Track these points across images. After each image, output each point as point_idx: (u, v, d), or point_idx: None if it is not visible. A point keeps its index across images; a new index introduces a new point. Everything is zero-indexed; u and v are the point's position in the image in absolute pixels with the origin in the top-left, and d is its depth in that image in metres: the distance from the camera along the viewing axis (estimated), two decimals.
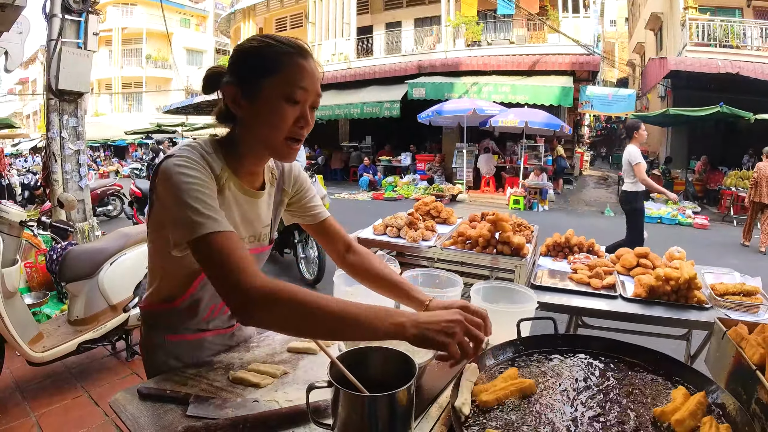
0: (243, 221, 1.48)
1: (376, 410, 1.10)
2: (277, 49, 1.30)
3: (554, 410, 1.28)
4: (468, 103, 15.85)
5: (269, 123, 1.31)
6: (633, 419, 1.25)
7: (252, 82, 1.30)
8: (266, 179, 1.55)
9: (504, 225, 2.99)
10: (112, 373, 4.14)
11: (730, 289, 2.69)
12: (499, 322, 1.86)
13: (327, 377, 1.12)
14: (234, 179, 1.41)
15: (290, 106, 1.30)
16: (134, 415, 1.27)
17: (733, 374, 1.49)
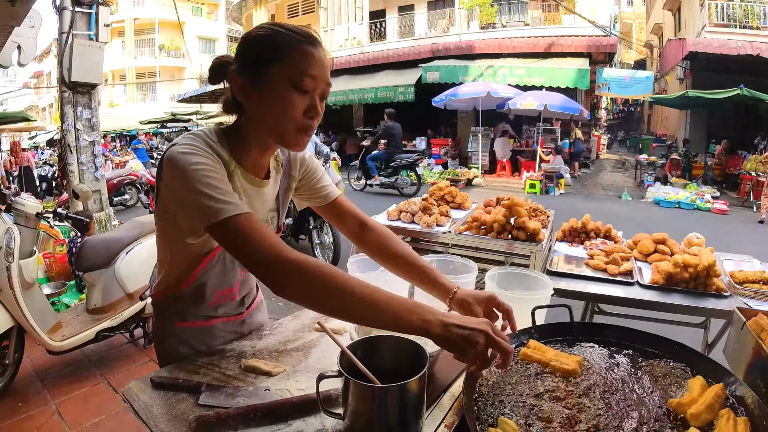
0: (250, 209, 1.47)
1: (386, 401, 1.10)
2: (284, 37, 1.28)
3: (568, 399, 1.26)
4: (482, 86, 15.68)
5: (278, 112, 1.29)
6: (648, 409, 1.23)
7: (260, 70, 1.28)
8: (271, 167, 1.55)
9: (519, 210, 2.95)
10: (130, 361, 4.20)
11: (750, 277, 2.65)
12: (514, 308, 1.85)
13: (337, 367, 1.11)
14: (240, 169, 1.41)
15: (299, 94, 1.28)
16: (147, 404, 1.28)
17: (752, 366, 1.46)
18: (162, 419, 1.22)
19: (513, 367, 1.42)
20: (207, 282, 1.53)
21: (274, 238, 1.18)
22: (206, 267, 1.49)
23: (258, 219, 1.23)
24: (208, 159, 1.27)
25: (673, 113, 21.61)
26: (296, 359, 1.54)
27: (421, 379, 1.10)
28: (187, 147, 1.27)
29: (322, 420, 1.23)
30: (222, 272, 1.54)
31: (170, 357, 1.57)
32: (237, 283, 1.63)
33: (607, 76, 18.27)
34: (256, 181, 1.47)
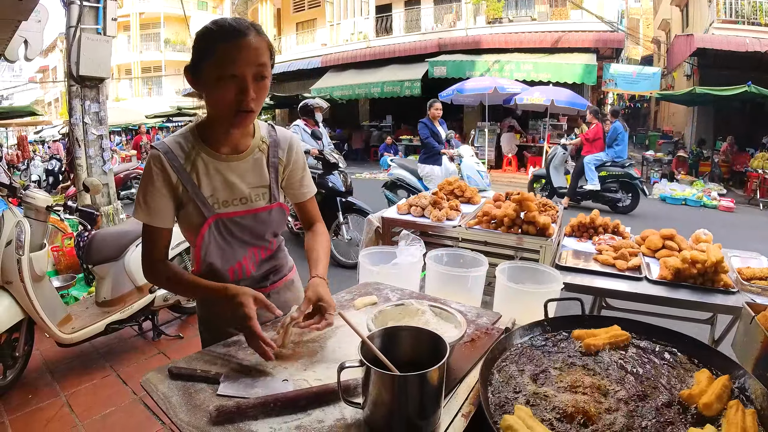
0: (224, 185, 1.67)
1: (406, 389, 1.12)
2: (211, 35, 1.48)
3: (583, 392, 1.28)
4: (489, 81, 15.66)
5: (214, 100, 1.53)
6: (660, 401, 1.25)
7: (197, 66, 1.51)
8: (253, 145, 1.73)
9: (530, 205, 2.97)
10: (139, 353, 4.24)
11: (758, 274, 2.67)
12: (525, 302, 1.88)
13: (358, 356, 1.14)
14: (205, 149, 1.64)
15: (228, 83, 1.46)
16: (166, 394, 1.30)
17: (761, 360, 1.48)
18: (182, 409, 1.24)
19: (529, 359, 1.45)
20: (213, 262, 1.71)
21: (154, 254, 1.66)
22: (202, 248, 1.68)
23: (158, 233, 1.63)
24: (153, 169, 1.58)
25: (680, 110, 21.48)
26: (313, 350, 1.57)
27: (441, 369, 1.12)
28: (151, 153, 1.61)
29: (341, 409, 1.25)
30: (220, 250, 1.71)
31: (208, 329, 1.89)
32: (244, 257, 1.78)
33: (614, 72, 18.17)
34: (223, 156, 1.66)
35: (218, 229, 1.66)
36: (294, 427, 1.18)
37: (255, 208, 1.72)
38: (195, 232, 1.65)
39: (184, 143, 1.62)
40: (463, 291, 2.17)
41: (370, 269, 2.26)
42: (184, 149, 1.61)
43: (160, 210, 1.59)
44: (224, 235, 1.68)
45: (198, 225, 1.63)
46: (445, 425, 1.22)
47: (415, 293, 2.07)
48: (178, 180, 1.59)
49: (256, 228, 1.74)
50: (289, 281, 2.01)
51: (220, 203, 1.65)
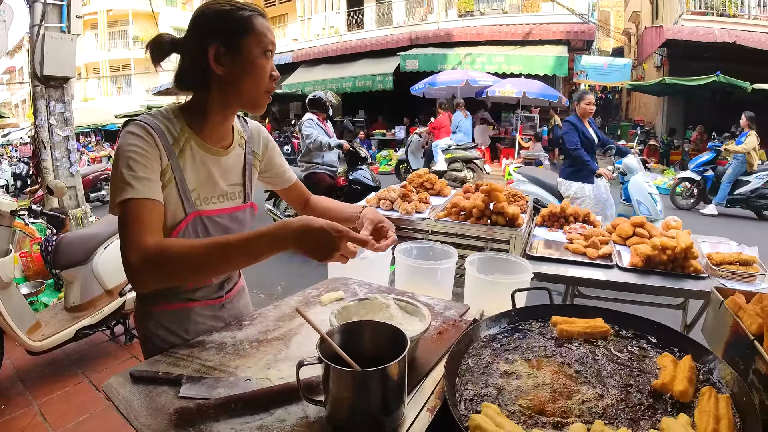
0: (208, 180, 1.54)
1: (367, 385, 1.09)
2: (245, 12, 1.42)
3: (552, 383, 1.26)
4: (461, 74, 15.71)
5: (254, 78, 1.44)
6: (634, 392, 1.24)
7: (233, 41, 1.40)
8: (235, 140, 1.64)
9: (498, 195, 2.96)
10: (111, 358, 4.15)
11: (727, 259, 2.70)
12: (494, 292, 1.86)
13: (317, 353, 1.10)
14: (196, 139, 1.50)
15: (266, 60, 1.45)
16: (127, 398, 1.26)
17: (730, 344, 1.47)
18: (143, 413, 1.20)
19: (497, 351, 1.42)
20: None
21: (146, 230, 1.29)
22: None
23: (154, 207, 1.34)
24: (144, 141, 1.36)
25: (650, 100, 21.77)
26: (277, 348, 1.53)
27: (402, 363, 1.09)
28: (134, 126, 1.38)
29: (303, 408, 1.21)
30: None
31: (150, 342, 1.61)
32: None
33: (585, 64, 18.36)
34: (213, 149, 1.54)
35: (195, 227, 1.51)
36: (256, 427, 1.14)
37: (232, 206, 1.62)
38: (169, 227, 1.46)
39: (171, 126, 1.46)
40: (432, 284, 2.15)
41: (338, 264, 2.21)
42: (173, 132, 1.45)
43: (153, 182, 1.36)
44: (199, 235, 1.53)
45: (176, 220, 1.47)
46: (410, 420, 1.19)
47: (383, 287, 2.04)
48: (168, 164, 1.42)
49: (230, 229, 1.62)
50: (241, 288, 1.91)
51: (202, 199, 1.53)
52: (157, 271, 1.26)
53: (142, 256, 1.24)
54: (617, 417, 1.15)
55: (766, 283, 2.57)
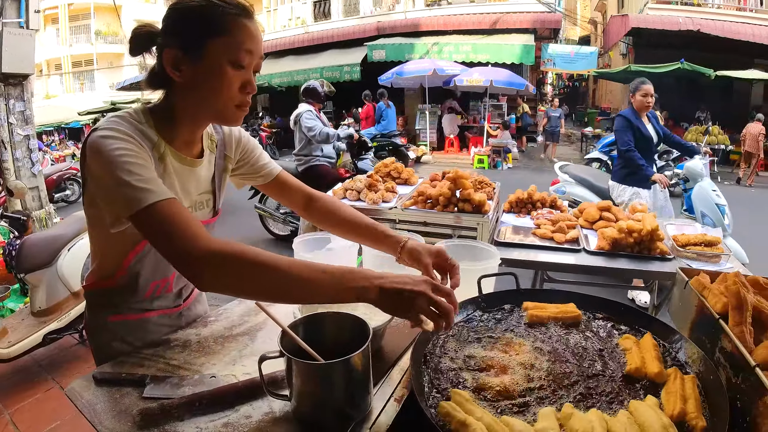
0: (182, 191, 1.40)
1: (331, 378, 1.07)
2: (222, 9, 1.21)
3: (522, 368, 1.25)
4: (428, 64, 15.70)
5: (216, 89, 1.24)
6: (604, 376, 1.24)
7: (196, 44, 1.21)
8: (205, 146, 1.48)
9: (464, 182, 2.95)
10: (81, 362, 4.04)
11: (692, 240, 2.73)
12: (462, 279, 1.83)
13: (278, 347, 1.08)
14: (170, 149, 1.33)
15: (236, 70, 1.23)
16: (91, 401, 1.22)
17: (696, 324, 1.48)
18: (107, 416, 1.16)
19: (464, 337, 1.41)
20: (140, 272, 1.44)
21: (197, 227, 1.10)
22: (138, 256, 1.40)
23: (181, 205, 1.16)
24: (130, 143, 1.18)
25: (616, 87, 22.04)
26: (242, 344, 1.50)
27: (365, 354, 1.08)
28: (110, 131, 1.18)
29: (269, 403, 1.19)
30: (155, 262, 1.44)
31: (103, 353, 1.49)
32: (173, 273, 1.54)
33: (552, 52, 18.51)
34: (188, 160, 1.40)
35: None
36: (221, 424, 1.12)
37: (202, 220, 1.44)
38: (135, 238, 1.34)
39: (151, 134, 1.28)
40: (401, 272, 2.10)
41: (304, 256, 2.18)
42: (151, 139, 1.28)
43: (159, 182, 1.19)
44: None
45: None
46: (378, 411, 1.17)
47: None
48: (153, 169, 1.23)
49: None
50: (198, 294, 1.79)
51: None
52: (219, 273, 1.07)
53: (201, 253, 1.05)
54: (587, 400, 1.15)
55: (731, 263, 2.62)
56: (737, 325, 1.24)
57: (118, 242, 1.36)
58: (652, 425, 1.02)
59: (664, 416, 1.06)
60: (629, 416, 1.08)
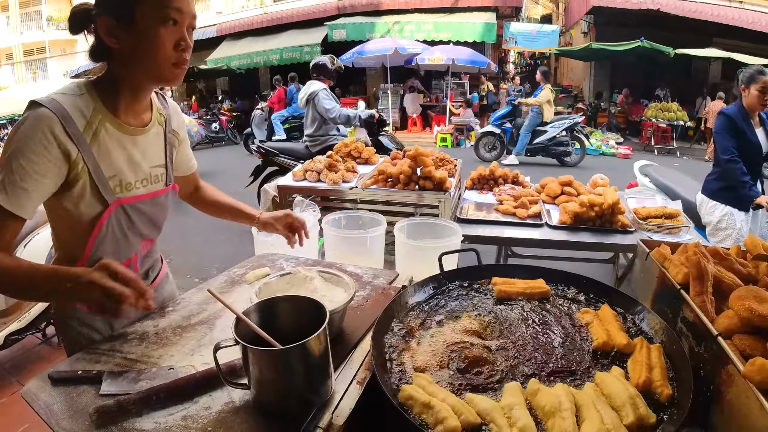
0: (129, 163, 1.41)
1: (288, 363, 1.04)
2: None
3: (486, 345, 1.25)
4: (390, 43, 15.55)
5: (150, 50, 1.27)
6: (575, 352, 1.24)
7: (125, 9, 1.23)
8: (154, 117, 1.50)
9: (424, 160, 2.92)
10: (46, 362, 3.89)
11: (653, 213, 2.78)
12: (424, 257, 1.83)
13: (232, 334, 1.05)
14: (111, 118, 1.35)
15: (168, 29, 1.26)
16: (47, 403, 1.18)
17: (658, 294, 1.49)
18: (63, 417, 1.12)
19: (427, 315, 1.39)
20: (102, 255, 1.41)
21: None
22: (98, 239, 1.39)
23: (10, 221, 1.23)
24: (38, 141, 1.22)
25: (578, 65, 22.19)
26: (201, 333, 1.46)
27: (322, 337, 1.05)
28: (36, 116, 1.23)
29: (229, 393, 1.16)
30: (115, 243, 1.44)
31: (75, 341, 1.51)
32: (135, 254, 1.55)
33: (514, 30, 18.52)
34: (131, 129, 1.41)
35: (118, 217, 1.40)
36: (180, 418, 1.09)
37: (155, 191, 1.51)
38: (90, 221, 1.36)
39: (84, 107, 1.30)
40: (363, 253, 2.11)
41: (264, 240, 2.16)
42: (84, 114, 1.29)
43: (33, 193, 1.24)
44: (123, 225, 1.43)
45: (96, 213, 1.36)
46: (340, 395, 1.15)
47: (310, 260, 1.98)
48: (78, 154, 1.28)
49: (155, 215, 1.54)
50: (165, 275, 1.81)
51: (123, 186, 1.40)
52: None
53: None
54: (554, 375, 1.15)
55: (691, 235, 2.67)
56: (698, 295, 1.24)
57: (78, 227, 1.37)
58: (619, 395, 1.03)
59: (630, 386, 1.06)
60: (596, 388, 1.08)
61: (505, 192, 3.13)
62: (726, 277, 1.30)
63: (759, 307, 1.10)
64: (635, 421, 0.98)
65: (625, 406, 1.01)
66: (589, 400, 1.03)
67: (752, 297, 1.14)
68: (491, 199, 3.16)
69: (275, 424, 1.06)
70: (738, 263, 1.41)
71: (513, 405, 1.02)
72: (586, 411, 1.01)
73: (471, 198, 3.23)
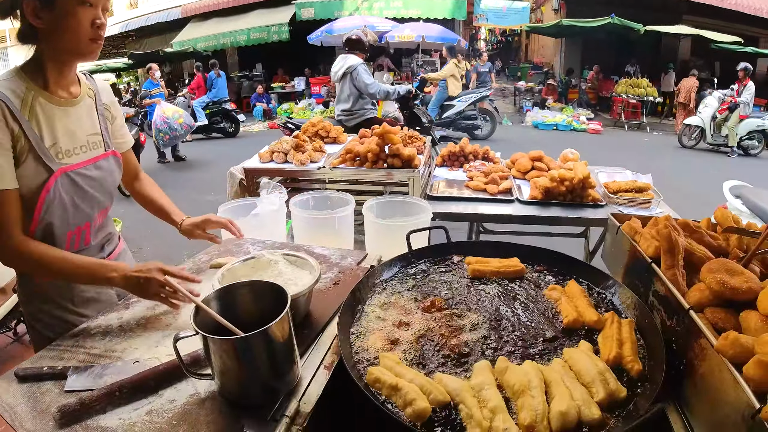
0: (65, 133, 1.53)
1: (250, 351, 1.03)
2: None
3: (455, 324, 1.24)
4: (359, 20, 15.33)
5: (69, 27, 1.41)
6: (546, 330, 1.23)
7: None
8: (83, 92, 1.63)
9: (392, 137, 2.88)
10: (18, 361, 3.76)
11: (623, 187, 2.78)
12: (394, 236, 1.80)
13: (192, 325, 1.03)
14: (43, 93, 1.48)
15: (85, 9, 1.40)
16: (10, 404, 1.15)
17: (629, 268, 1.48)
18: (27, 417, 1.10)
19: (394, 296, 1.38)
20: (53, 222, 1.51)
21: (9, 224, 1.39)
22: (44, 205, 1.47)
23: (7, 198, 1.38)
24: None
25: (549, 42, 22.27)
26: (165, 324, 1.45)
27: (284, 322, 1.04)
28: None
29: (194, 384, 1.15)
30: (63, 210, 1.52)
31: (37, 320, 1.65)
32: (87, 223, 1.63)
33: (484, 7, 18.48)
34: (63, 101, 1.53)
35: (65, 185, 1.50)
36: (145, 412, 1.08)
37: (95, 156, 1.61)
38: (36, 189, 1.45)
39: (17, 88, 1.43)
40: (332, 234, 2.08)
41: (236, 220, 2.11)
42: (18, 94, 1.42)
43: (4, 168, 1.37)
44: (72, 194, 1.52)
45: (41, 181, 1.44)
46: (307, 380, 1.14)
47: (278, 243, 1.95)
48: (20, 130, 1.40)
49: (103, 180, 1.63)
50: (122, 250, 1.90)
51: (64, 153, 1.51)
52: (23, 265, 1.52)
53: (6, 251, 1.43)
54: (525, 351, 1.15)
55: (661, 208, 2.67)
56: (670, 269, 1.23)
57: (27, 196, 1.46)
58: (588, 372, 1.03)
59: (600, 361, 1.07)
60: (564, 364, 1.08)
61: (476, 168, 3.11)
62: (697, 250, 1.29)
63: (730, 279, 1.10)
64: (606, 397, 0.98)
65: (594, 382, 1.01)
66: (558, 376, 1.03)
67: (723, 270, 1.13)
68: (462, 176, 3.14)
69: (241, 415, 1.05)
70: (709, 236, 1.40)
71: (483, 385, 1.01)
72: (556, 388, 1.00)
73: (441, 175, 3.21)
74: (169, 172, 9.48)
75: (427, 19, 15.89)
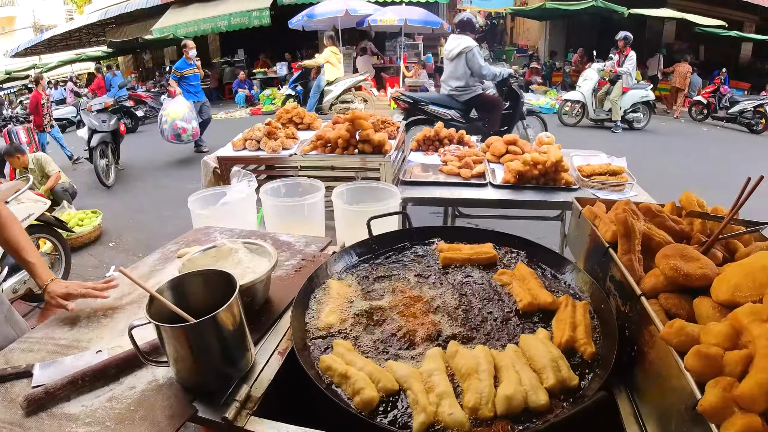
0: None
1: (201, 337, 1.05)
2: None
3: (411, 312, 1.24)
4: (340, 4, 15.16)
5: None
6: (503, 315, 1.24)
7: None
8: None
9: (362, 123, 2.87)
10: None
11: (597, 170, 2.77)
12: (360, 223, 1.80)
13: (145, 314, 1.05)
14: None
15: None
16: None
17: (590, 253, 1.48)
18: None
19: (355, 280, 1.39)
20: None
21: None
22: None
23: None
24: None
25: (533, 25, 22.24)
26: (130, 313, 1.46)
27: (234, 309, 1.06)
28: None
29: (153, 371, 1.18)
30: None
31: None
32: None
33: None
34: None
35: None
36: (106, 399, 1.11)
37: None
38: None
39: None
40: (302, 221, 2.08)
41: (200, 213, 2.12)
42: None
43: None
44: None
45: None
46: (261, 366, 1.17)
47: (245, 232, 1.94)
48: None
49: None
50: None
51: None
52: None
53: None
54: (476, 338, 1.15)
55: (635, 191, 2.66)
56: (626, 254, 1.23)
57: None
58: (541, 358, 1.03)
59: (554, 348, 1.07)
60: (517, 350, 1.08)
61: (450, 152, 3.11)
62: (656, 235, 1.29)
63: (684, 265, 1.09)
64: (557, 384, 0.99)
65: (546, 368, 1.01)
66: (509, 362, 1.03)
67: (678, 255, 1.12)
68: (437, 160, 3.13)
69: (196, 399, 1.08)
70: (671, 220, 1.39)
71: (433, 371, 1.02)
72: (505, 372, 1.01)
73: (416, 160, 3.20)
74: None
75: (409, 2, 15.74)
